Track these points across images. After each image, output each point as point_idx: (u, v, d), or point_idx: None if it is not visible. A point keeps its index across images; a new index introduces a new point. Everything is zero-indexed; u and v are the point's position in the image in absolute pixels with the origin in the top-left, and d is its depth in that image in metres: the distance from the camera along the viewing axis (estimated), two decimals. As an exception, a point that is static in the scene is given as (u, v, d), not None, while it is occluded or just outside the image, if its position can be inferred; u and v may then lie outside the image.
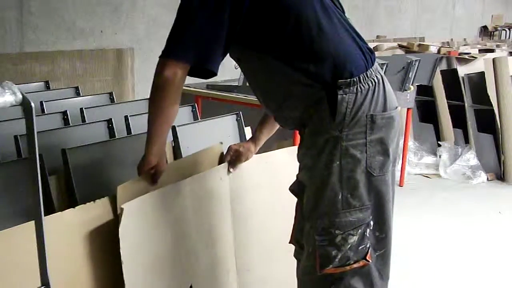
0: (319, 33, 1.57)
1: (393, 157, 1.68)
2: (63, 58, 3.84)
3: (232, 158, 2.07)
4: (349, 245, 1.63)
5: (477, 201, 4.15)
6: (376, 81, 1.62)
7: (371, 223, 1.66)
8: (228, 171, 2.07)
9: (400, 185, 4.35)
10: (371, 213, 1.65)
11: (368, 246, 1.65)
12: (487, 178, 4.66)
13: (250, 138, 2.13)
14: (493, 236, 3.49)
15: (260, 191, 2.19)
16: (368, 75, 1.60)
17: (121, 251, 1.65)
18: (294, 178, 1.84)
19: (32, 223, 1.30)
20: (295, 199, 1.86)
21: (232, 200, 2.09)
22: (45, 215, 1.35)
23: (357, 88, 1.58)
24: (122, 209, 1.66)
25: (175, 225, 1.88)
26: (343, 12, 1.75)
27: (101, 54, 4.05)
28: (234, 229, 2.10)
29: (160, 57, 1.54)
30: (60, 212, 1.73)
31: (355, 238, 1.63)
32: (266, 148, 4.92)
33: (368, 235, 1.65)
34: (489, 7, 10.65)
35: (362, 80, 1.59)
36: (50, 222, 1.58)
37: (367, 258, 1.65)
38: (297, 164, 1.76)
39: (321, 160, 1.62)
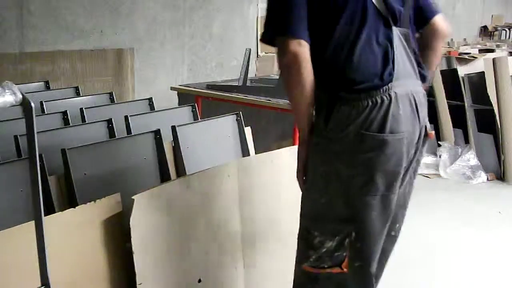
0: (340, 41, 1.59)
1: (386, 182, 1.61)
2: (63, 58, 3.84)
3: None
4: (325, 249, 1.65)
5: (477, 201, 4.15)
6: (379, 101, 1.56)
7: (353, 233, 1.63)
8: None
9: (400, 185, 4.36)
10: (352, 224, 1.63)
11: (344, 255, 1.65)
12: (487, 178, 4.66)
13: None
14: (493, 236, 3.49)
15: (266, 189, 2.22)
16: (373, 94, 1.56)
17: (132, 241, 1.69)
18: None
19: (32, 223, 1.30)
20: (299, 197, 1.83)
21: (240, 198, 2.11)
22: (45, 215, 1.35)
23: (354, 104, 1.56)
24: (133, 200, 1.70)
25: (184, 218, 1.91)
26: (396, 23, 1.65)
27: (101, 54, 4.05)
28: (241, 224, 2.12)
29: (275, 37, 1.58)
30: (60, 212, 1.74)
31: (332, 244, 1.64)
32: (265, 149, 4.91)
33: (346, 245, 1.64)
34: (489, 7, 10.66)
35: (363, 98, 1.56)
36: (50, 222, 1.58)
37: (343, 266, 1.65)
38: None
39: (312, 161, 1.66)
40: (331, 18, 1.58)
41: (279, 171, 2.25)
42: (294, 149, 2.29)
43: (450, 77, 4.97)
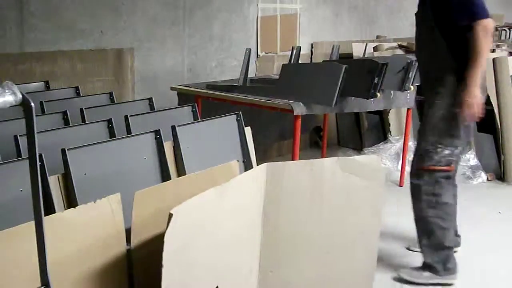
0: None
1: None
2: (63, 58, 3.84)
3: None
4: (443, 155, 2.80)
5: (477, 201, 4.15)
6: None
7: (459, 148, 2.84)
8: None
9: (400, 185, 4.34)
10: (459, 141, 2.84)
11: (451, 159, 2.79)
12: (487, 178, 4.66)
13: None
14: (493, 236, 3.49)
15: (299, 196, 2.13)
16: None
17: (163, 255, 1.63)
18: (340, 188, 2.11)
19: (32, 223, 1.30)
20: (337, 207, 2.14)
21: (266, 201, 2.05)
22: (45, 215, 1.35)
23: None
24: (171, 215, 1.63)
25: (214, 229, 1.86)
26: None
27: (101, 54, 4.05)
28: (263, 229, 2.07)
29: (475, 20, 2.61)
30: (60, 212, 1.74)
31: (448, 152, 2.79)
32: (266, 147, 4.88)
33: (456, 153, 2.80)
34: (489, 7, 10.64)
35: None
36: (50, 222, 1.58)
37: (450, 167, 2.79)
38: (346, 175, 2.08)
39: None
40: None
41: (317, 179, 2.14)
42: (342, 160, 2.18)
43: (450, 77, 4.96)
